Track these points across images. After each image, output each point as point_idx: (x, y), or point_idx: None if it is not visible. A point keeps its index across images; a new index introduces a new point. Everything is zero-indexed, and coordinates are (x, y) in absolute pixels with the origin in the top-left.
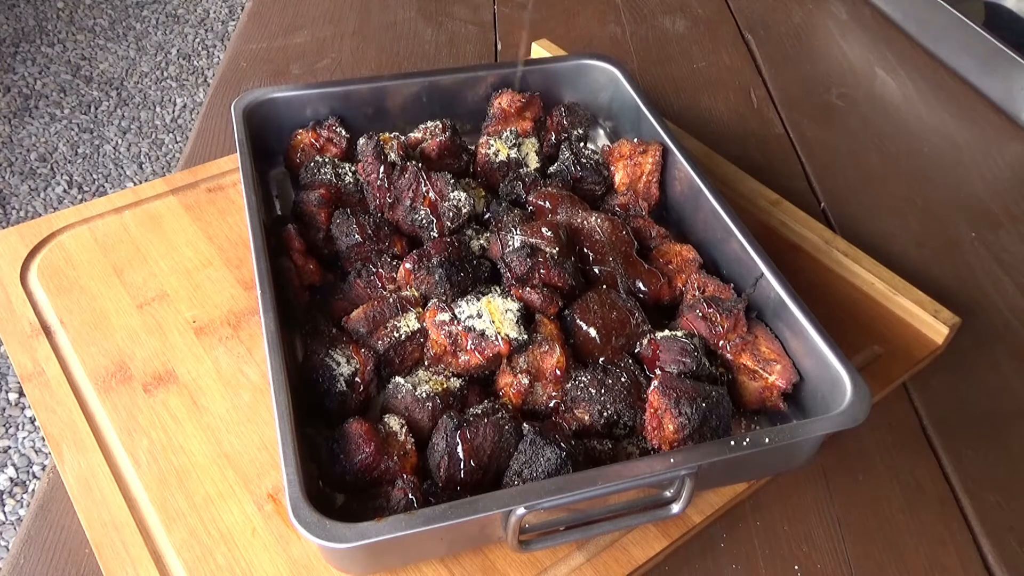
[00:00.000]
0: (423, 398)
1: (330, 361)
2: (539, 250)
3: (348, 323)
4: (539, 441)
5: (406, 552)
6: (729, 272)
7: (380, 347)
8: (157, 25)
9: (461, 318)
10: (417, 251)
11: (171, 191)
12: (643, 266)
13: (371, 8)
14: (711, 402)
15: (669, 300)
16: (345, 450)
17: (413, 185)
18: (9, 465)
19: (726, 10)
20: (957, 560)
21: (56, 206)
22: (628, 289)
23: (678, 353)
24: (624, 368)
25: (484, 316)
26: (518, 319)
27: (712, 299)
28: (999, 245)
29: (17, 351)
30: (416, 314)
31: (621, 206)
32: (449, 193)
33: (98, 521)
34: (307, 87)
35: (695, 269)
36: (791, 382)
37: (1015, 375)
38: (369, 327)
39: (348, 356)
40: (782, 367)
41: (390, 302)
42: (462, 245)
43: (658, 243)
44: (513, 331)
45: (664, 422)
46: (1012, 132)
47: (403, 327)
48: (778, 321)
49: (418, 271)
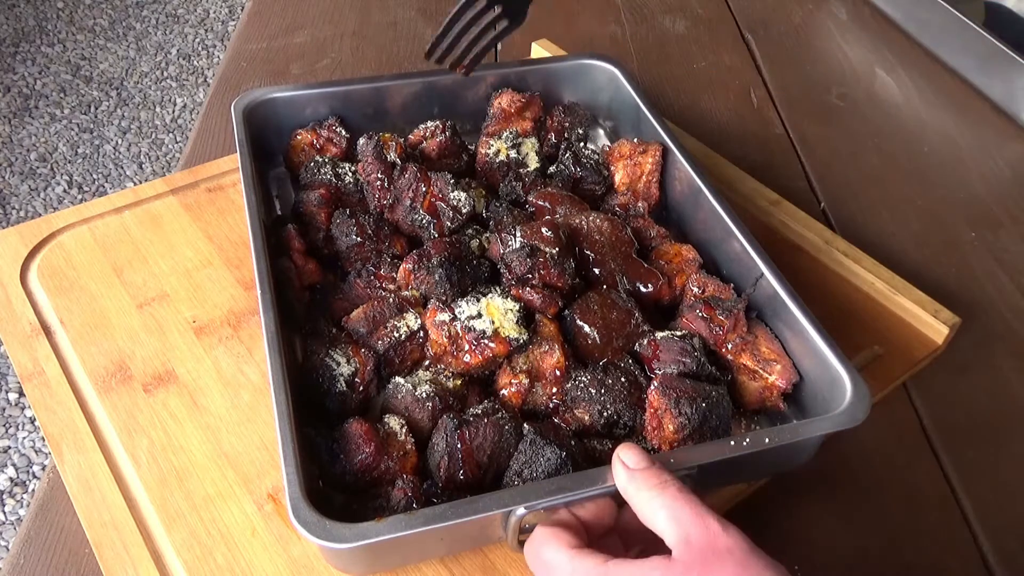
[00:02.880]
0: (423, 398)
1: (330, 361)
2: (539, 250)
3: (348, 323)
4: (539, 441)
5: (406, 552)
6: (729, 272)
7: (380, 347)
8: (157, 25)
9: (461, 318)
10: (417, 251)
11: (171, 191)
12: (643, 266)
13: (371, 8)
14: (711, 402)
15: (669, 300)
16: (345, 450)
17: (413, 185)
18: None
19: (726, 10)
20: (957, 560)
21: (56, 206)
22: (628, 289)
23: (678, 353)
24: (624, 368)
25: (484, 316)
26: (518, 319)
27: (712, 299)
28: (999, 245)
29: (17, 351)
30: (416, 314)
31: (621, 206)
32: (449, 193)
33: (98, 521)
34: (307, 87)
35: (695, 269)
36: (791, 382)
37: (1015, 375)
38: (369, 327)
39: (348, 356)
40: (782, 367)
41: (390, 302)
42: (462, 245)
43: (658, 243)
44: (513, 331)
45: (664, 422)
46: (1012, 132)
47: (403, 327)
48: (778, 321)
49: (418, 271)
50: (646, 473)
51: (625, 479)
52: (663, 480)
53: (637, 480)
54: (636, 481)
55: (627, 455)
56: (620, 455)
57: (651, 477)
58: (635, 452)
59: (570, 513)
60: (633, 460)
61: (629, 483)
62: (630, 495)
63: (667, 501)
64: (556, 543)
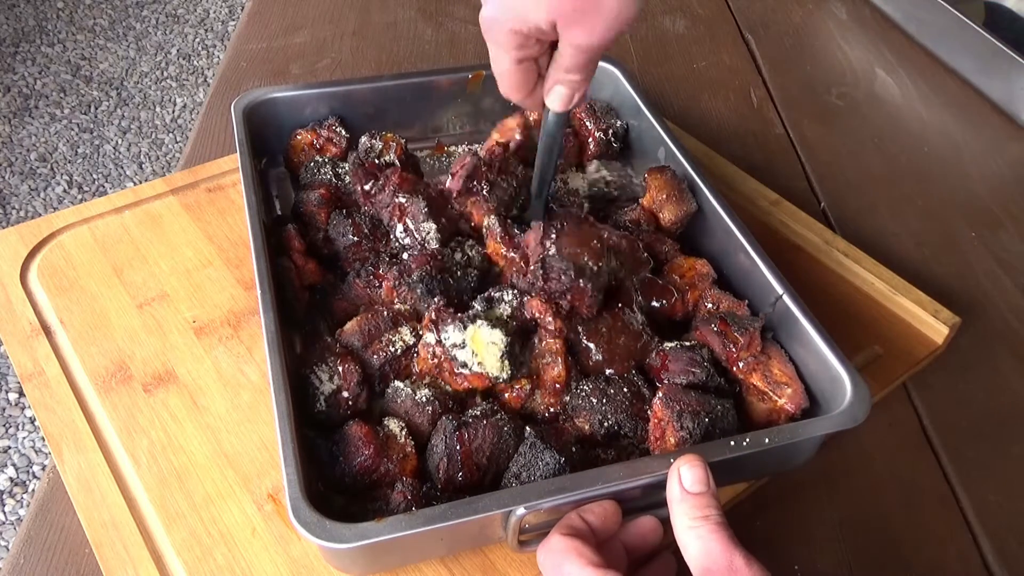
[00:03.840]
0: (423, 402)
1: (313, 379)
2: (582, 271)
3: (342, 336)
4: (539, 445)
5: (406, 552)
6: (729, 272)
7: (376, 361)
8: (157, 25)
9: (446, 344)
10: (398, 266)
11: (171, 191)
12: (658, 283)
13: (371, 8)
14: (715, 416)
15: (682, 316)
16: (345, 452)
17: (388, 205)
18: (9, 465)
19: (726, 10)
20: (957, 560)
21: (56, 206)
22: (642, 307)
23: (686, 363)
24: (627, 379)
25: (468, 347)
26: (502, 354)
27: (728, 315)
28: (999, 245)
29: (17, 351)
30: (411, 328)
31: (632, 221)
32: (420, 224)
33: (98, 521)
34: (307, 87)
35: (709, 284)
36: (800, 407)
37: (1015, 375)
38: (364, 340)
39: (333, 372)
40: (792, 391)
41: (384, 315)
42: (444, 257)
43: (671, 256)
44: (494, 369)
45: (667, 434)
46: (1012, 132)
47: (398, 341)
48: (778, 320)
49: (399, 287)
50: (698, 500)
51: (676, 497)
52: (708, 514)
53: (687, 504)
54: (685, 504)
55: (688, 472)
56: (681, 469)
57: (700, 508)
58: (697, 471)
59: (580, 518)
60: (691, 480)
61: (678, 503)
62: (674, 514)
63: (704, 532)
64: (578, 560)
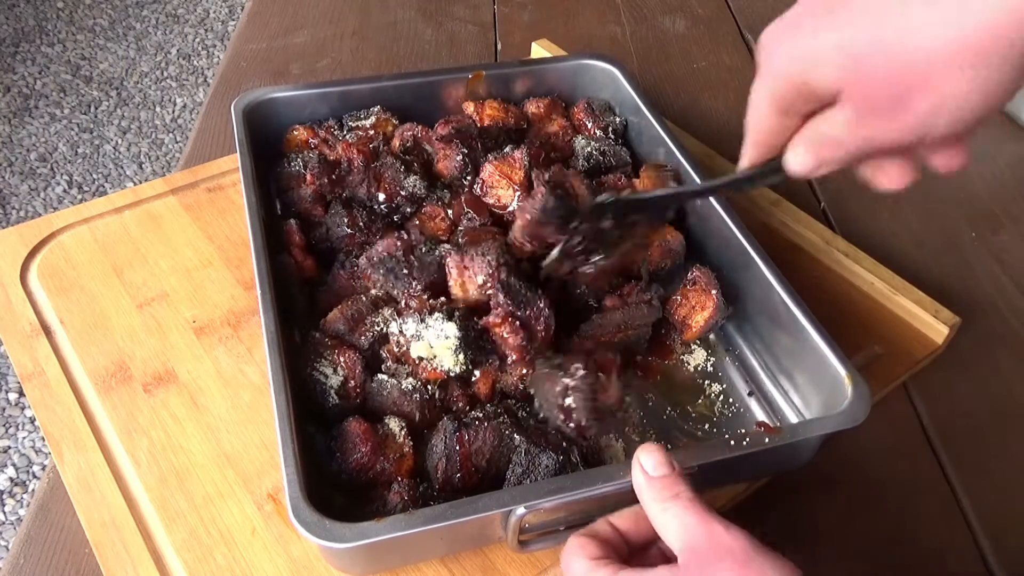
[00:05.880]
0: (408, 391)
1: (318, 375)
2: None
3: (326, 325)
4: (533, 450)
5: (406, 552)
6: (729, 272)
7: (364, 342)
8: (157, 25)
9: (407, 335)
10: (367, 253)
11: (171, 191)
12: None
13: (371, 8)
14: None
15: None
16: (342, 448)
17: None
18: (9, 465)
19: (726, 10)
20: (957, 560)
21: (56, 206)
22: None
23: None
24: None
25: (423, 340)
26: (456, 347)
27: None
28: (999, 245)
29: (17, 351)
30: (392, 310)
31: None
32: (403, 182)
33: (98, 521)
34: (307, 87)
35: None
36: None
37: (1015, 375)
38: (349, 325)
39: (335, 364)
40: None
41: (363, 300)
42: (412, 236)
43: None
44: (449, 362)
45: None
46: (1012, 132)
47: (381, 322)
48: (778, 321)
49: (369, 272)
50: (663, 482)
51: (642, 484)
52: (676, 492)
53: (654, 488)
54: (652, 489)
55: (647, 458)
56: (640, 457)
57: (666, 488)
58: (655, 456)
59: (608, 524)
60: (652, 464)
61: (645, 489)
62: (644, 502)
63: (678, 511)
64: (580, 553)
